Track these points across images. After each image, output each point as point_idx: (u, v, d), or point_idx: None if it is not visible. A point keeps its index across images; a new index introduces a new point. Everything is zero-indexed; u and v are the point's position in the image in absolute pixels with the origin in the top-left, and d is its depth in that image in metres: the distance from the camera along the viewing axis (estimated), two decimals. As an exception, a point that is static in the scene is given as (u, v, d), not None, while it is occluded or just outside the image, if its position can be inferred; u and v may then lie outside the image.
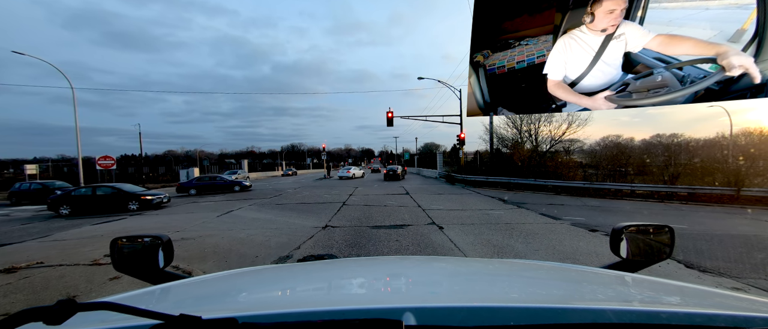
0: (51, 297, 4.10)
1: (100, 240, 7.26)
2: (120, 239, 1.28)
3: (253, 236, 7.30)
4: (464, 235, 6.93)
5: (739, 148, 20.98)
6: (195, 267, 5.05)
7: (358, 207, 11.66)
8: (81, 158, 21.15)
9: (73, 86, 20.18)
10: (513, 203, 12.57)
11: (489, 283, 1.10)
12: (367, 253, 5.75)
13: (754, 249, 5.68)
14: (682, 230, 7.07)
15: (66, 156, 62.81)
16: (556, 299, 0.89)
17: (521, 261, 1.74)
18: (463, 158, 27.38)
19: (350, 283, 1.12)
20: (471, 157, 30.26)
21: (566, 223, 8.26)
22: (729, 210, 10.46)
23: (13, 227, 10.20)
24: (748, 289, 3.94)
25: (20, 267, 5.25)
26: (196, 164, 49.56)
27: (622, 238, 1.27)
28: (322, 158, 66.45)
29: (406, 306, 0.66)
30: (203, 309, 0.67)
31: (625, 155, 20.92)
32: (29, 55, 18.60)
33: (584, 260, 5.14)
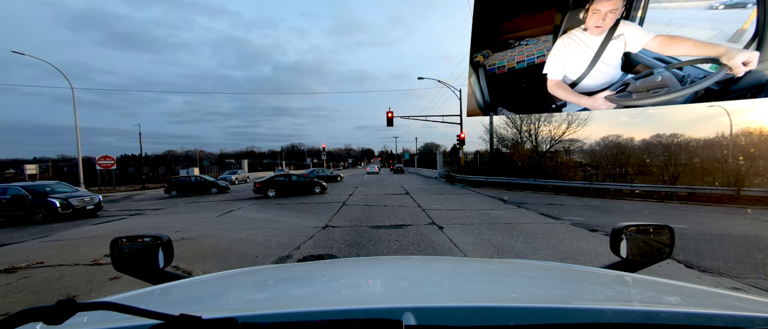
0: (51, 297, 4.10)
1: (100, 240, 7.26)
2: (120, 239, 1.28)
3: (253, 236, 7.30)
4: (464, 235, 6.93)
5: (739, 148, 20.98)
6: (195, 267, 5.05)
7: (358, 207, 11.66)
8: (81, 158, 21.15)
9: (73, 86, 20.19)
10: (513, 203, 12.57)
11: (489, 283, 1.10)
12: (367, 253, 5.75)
13: (754, 249, 5.68)
14: (682, 230, 7.07)
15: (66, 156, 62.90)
16: (556, 299, 0.89)
17: (521, 261, 1.74)
18: (463, 158, 27.38)
19: (350, 283, 1.12)
20: (471, 157, 30.27)
21: (566, 223, 8.26)
22: (729, 210, 10.46)
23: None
24: (748, 289, 3.94)
25: (20, 267, 5.25)
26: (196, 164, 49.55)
27: (622, 238, 1.27)
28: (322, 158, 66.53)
29: (406, 306, 0.66)
30: (203, 309, 0.67)
31: (625, 155, 20.95)
32: (29, 55, 18.61)
33: (584, 260, 5.14)
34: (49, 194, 11.66)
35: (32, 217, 11.13)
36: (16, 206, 11.21)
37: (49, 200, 11.27)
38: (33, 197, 11.33)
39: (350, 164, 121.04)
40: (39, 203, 11.22)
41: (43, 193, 11.63)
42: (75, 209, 11.60)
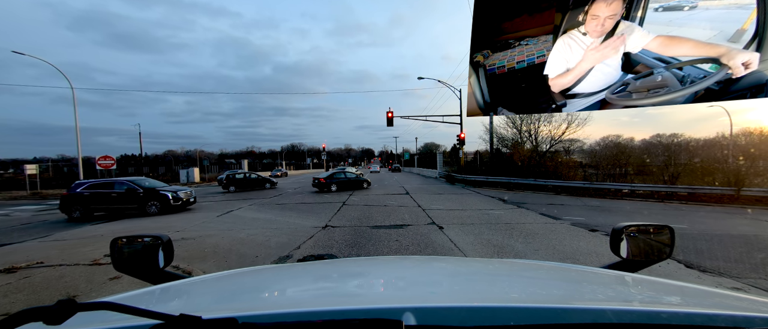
0: (51, 297, 4.09)
1: (100, 240, 7.26)
2: (120, 239, 1.28)
3: (253, 236, 7.30)
4: (464, 235, 6.93)
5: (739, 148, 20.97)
6: (195, 267, 5.05)
7: (358, 207, 11.66)
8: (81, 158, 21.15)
9: (72, 86, 20.19)
10: (513, 203, 12.57)
11: (489, 283, 1.10)
12: (367, 253, 5.74)
13: (754, 249, 5.68)
14: (682, 230, 7.07)
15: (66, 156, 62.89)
16: (556, 299, 0.89)
17: (521, 261, 1.73)
18: (463, 158, 27.37)
19: (350, 283, 1.12)
20: (471, 157, 30.26)
21: (566, 223, 8.25)
22: (729, 210, 10.46)
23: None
24: (748, 289, 3.94)
25: (20, 266, 5.25)
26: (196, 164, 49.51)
27: (622, 238, 1.27)
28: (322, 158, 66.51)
29: (406, 306, 0.66)
30: (203, 309, 0.67)
31: (625, 155, 20.93)
32: (29, 55, 18.60)
33: (584, 260, 5.14)
34: (159, 188, 12.52)
35: (145, 209, 11.92)
36: (130, 199, 11.96)
37: (163, 193, 12.11)
38: (143, 191, 12.02)
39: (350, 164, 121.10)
40: (151, 196, 12.02)
41: (152, 188, 12.40)
42: (182, 202, 12.55)
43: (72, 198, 11.58)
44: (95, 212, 11.84)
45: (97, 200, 11.79)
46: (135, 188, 12.01)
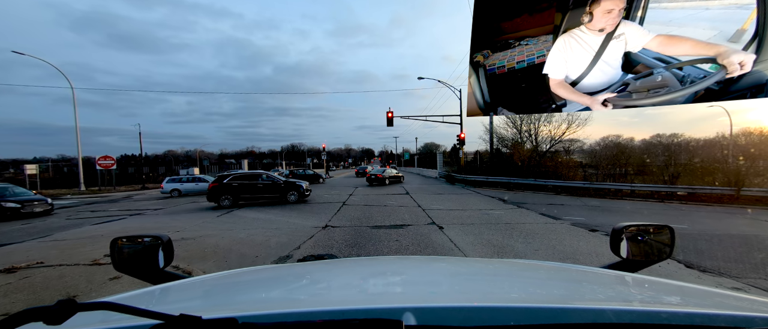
0: (51, 297, 4.09)
1: (100, 240, 7.26)
2: (120, 239, 1.28)
3: (253, 236, 7.30)
4: (464, 235, 6.93)
5: (739, 148, 20.98)
6: (195, 267, 5.05)
7: (358, 207, 11.66)
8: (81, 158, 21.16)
9: (73, 86, 20.20)
10: (513, 203, 12.57)
11: (489, 283, 1.10)
12: (367, 253, 5.74)
13: (754, 249, 5.68)
14: (682, 230, 7.07)
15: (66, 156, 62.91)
16: (556, 299, 0.89)
17: (521, 261, 1.73)
18: (463, 158, 27.37)
19: (350, 283, 1.12)
20: (471, 157, 30.26)
21: (566, 223, 8.25)
22: (729, 210, 10.46)
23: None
24: (748, 289, 3.94)
25: (20, 267, 5.25)
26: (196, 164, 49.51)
27: (622, 238, 1.27)
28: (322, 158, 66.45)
29: (406, 306, 0.66)
30: (203, 309, 0.67)
31: (625, 155, 20.93)
32: (29, 56, 18.62)
33: (584, 260, 5.14)
34: (294, 181, 14.36)
35: (287, 198, 13.74)
36: (273, 189, 13.79)
37: (298, 183, 14.01)
38: (284, 182, 13.94)
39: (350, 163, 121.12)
40: (291, 187, 13.84)
41: (291, 180, 14.29)
42: (310, 192, 14.54)
43: (222, 188, 13.18)
44: (240, 201, 13.46)
45: (245, 190, 13.47)
46: (278, 180, 13.92)
